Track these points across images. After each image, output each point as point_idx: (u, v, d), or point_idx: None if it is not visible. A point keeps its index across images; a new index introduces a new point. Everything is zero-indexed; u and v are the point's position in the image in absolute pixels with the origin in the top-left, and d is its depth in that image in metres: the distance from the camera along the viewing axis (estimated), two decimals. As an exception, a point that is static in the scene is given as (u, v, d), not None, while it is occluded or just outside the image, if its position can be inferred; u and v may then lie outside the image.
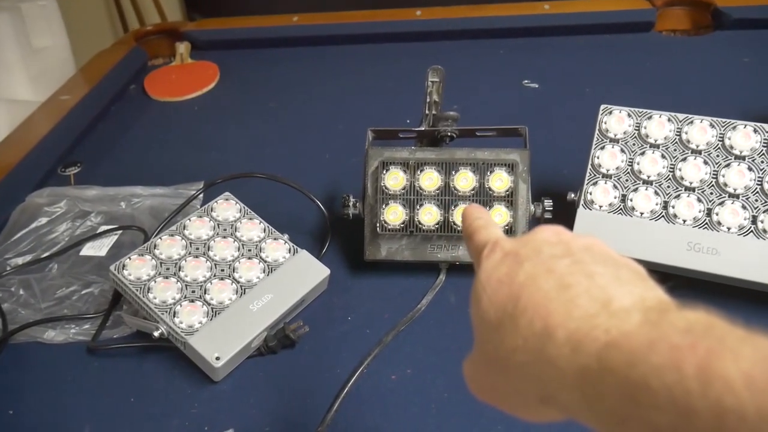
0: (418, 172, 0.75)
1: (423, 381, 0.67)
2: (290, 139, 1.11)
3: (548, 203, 0.77)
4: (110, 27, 2.52)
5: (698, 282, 0.71)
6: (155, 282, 0.71)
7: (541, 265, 0.34)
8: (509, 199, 0.75)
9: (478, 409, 0.64)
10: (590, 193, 0.75)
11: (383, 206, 0.75)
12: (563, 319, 0.30)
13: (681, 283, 0.71)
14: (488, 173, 0.75)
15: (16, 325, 0.76)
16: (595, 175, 0.76)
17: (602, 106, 0.77)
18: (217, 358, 0.66)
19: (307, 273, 0.75)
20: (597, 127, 0.77)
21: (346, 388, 0.66)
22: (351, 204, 0.78)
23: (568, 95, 1.15)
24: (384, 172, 0.75)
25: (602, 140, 0.76)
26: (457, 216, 0.74)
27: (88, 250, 0.87)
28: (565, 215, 0.77)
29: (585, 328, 0.29)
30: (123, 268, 0.72)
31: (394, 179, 0.75)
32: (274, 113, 1.19)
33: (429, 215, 0.75)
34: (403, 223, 0.75)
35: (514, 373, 0.32)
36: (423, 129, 0.83)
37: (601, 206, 0.75)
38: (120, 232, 0.89)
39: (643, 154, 0.74)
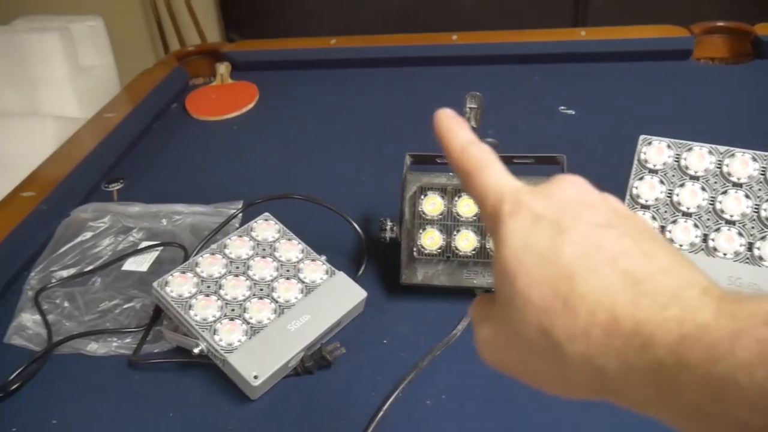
0: (456, 198, 0.76)
1: (458, 407, 0.67)
2: (327, 161, 1.12)
3: (585, 232, 0.77)
4: (151, 47, 2.58)
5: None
6: (196, 299, 0.73)
7: (587, 238, 0.30)
8: (546, 227, 0.75)
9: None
10: (628, 223, 0.75)
11: (420, 231, 0.76)
12: (631, 310, 0.27)
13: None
14: (526, 201, 0.75)
15: (60, 336, 0.79)
16: (633, 206, 0.76)
17: (641, 137, 0.78)
18: (255, 377, 0.67)
19: (344, 295, 0.76)
20: (636, 158, 0.77)
21: (381, 412, 0.66)
22: (388, 228, 0.79)
23: (604, 122, 1.15)
24: (422, 197, 0.76)
25: (641, 171, 0.76)
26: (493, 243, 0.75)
27: (130, 265, 0.89)
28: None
29: (656, 320, 0.27)
30: (166, 285, 0.74)
31: (432, 204, 0.76)
32: (311, 134, 1.21)
33: (466, 241, 0.75)
34: (440, 248, 0.76)
35: (569, 362, 0.29)
36: (461, 155, 0.84)
37: (639, 237, 0.74)
38: (161, 248, 0.91)
39: (682, 185, 0.74)
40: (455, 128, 0.37)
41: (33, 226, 0.95)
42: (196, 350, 0.70)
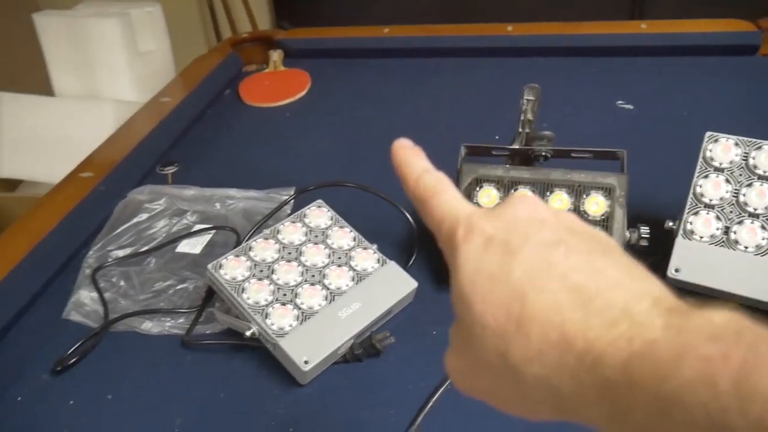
0: (512, 191, 0.75)
1: (507, 402, 0.66)
2: (378, 150, 1.10)
3: (644, 230, 0.75)
4: (203, 33, 2.62)
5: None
6: (249, 283, 0.73)
7: (537, 257, 0.30)
8: (604, 223, 0.73)
9: (565, 429, 0.63)
10: (690, 223, 0.73)
11: (474, 223, 0.75)
12: (581, 328, 0.27)
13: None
14: (584, 196, 0.74)
15: (116, 314, 0.80)
16: (696, 205, 0.73)
17: (708, 134, 0.75)
18: (306, 362, 0.67)
19: (395, 284, 0.76)
20: (701, 155, 0.75)
21: (430, 403, 0.66)
22: (441, 218, 0.79)
23: (664, 118, 1.12)
24: (477, 189, 0.76)
25: (706, 169, 0.74)
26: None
27: (184, 247, 0.91)
28: (661, 244, 0.75)
29: (606, 338, 0.26)
30: (220, 268, 0.75)
31: (487, 197, 0.75)
32: (362, 122, 1.21)
33: (520, 235, 0.74)
34: (493, 240, 0.75)
35: (527, 384, 0.29)
36: (517, 147, 0.83)
37: (701, 237, 0.72)
38: (214, 231, 0.93)
39: (750, 185, 0.71)
40: (411, 158, 0.38)
41: (91, 207, 0.97)
42: (247, 333, 0.71)
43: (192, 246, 0.91)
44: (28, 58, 1.51)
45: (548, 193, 0.74)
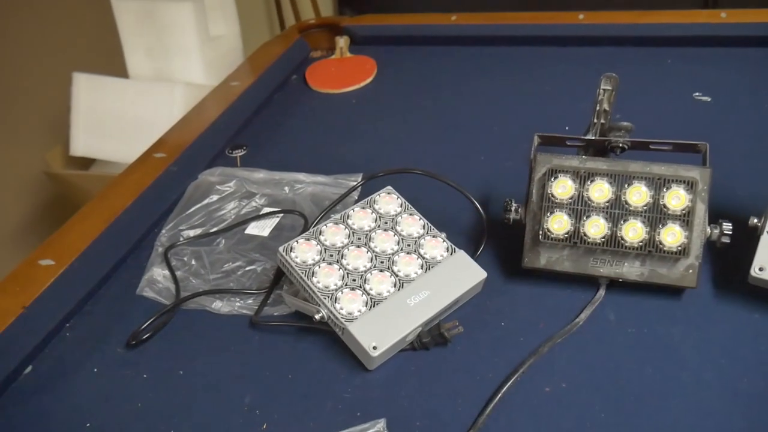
0: (588, 183, 0.73)
1: (578, 398, 0.65)
2: (444, 138, 1.11)
3: (727, 226, 0.72)
4: (267, 19, 2.64)
5: None
6: (319, 267, 0.74)
7: None
8: (685, 218, 0.71)
9: (638, 434, 0.62)
10: (777, 221, 0.70)
11: (548, 214, 0.74)
12: None
13: None
14: (664, 189, 0.71)
15: (187, 292, 0.82)
16: (785, 202, 0.70)
17: (800, 128, 0.71)
18: (374, 348, 0.67)
19: (464, 274, 0.75)
20: (791, 150, 0.71)
21: (499, 395, 0.65)
22: (513, 209, 0.77)
23: (744, 111, 1.07)
24: (552, 179, 0.74)
25: (797, 164, 0.70)
26: (626, 231, 0.72)
27: (252, 229, 0.92)
28: (744, 241, 0.72)
29: None
30: (291, 251, 0.75)
31: (563, 188, 0.73)
32: (428, 110, 1.20)
33: (596, 228, 0.72)
34: (567, 233, 0.73)
35: None
36: (593, 138, 0.81)
37: (789, 235, 0.69)
38: (282, 215, 0.93)
39: None
40: None
41: (164, 186, 1.00)
42: (317, 316, 0.71)
43: (260, 228, 0.92)
44: (104, 41, 1.56)
45: (626, 186, 0.72)
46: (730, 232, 0.72)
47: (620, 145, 0.79)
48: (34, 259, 0.86)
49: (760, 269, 0.69)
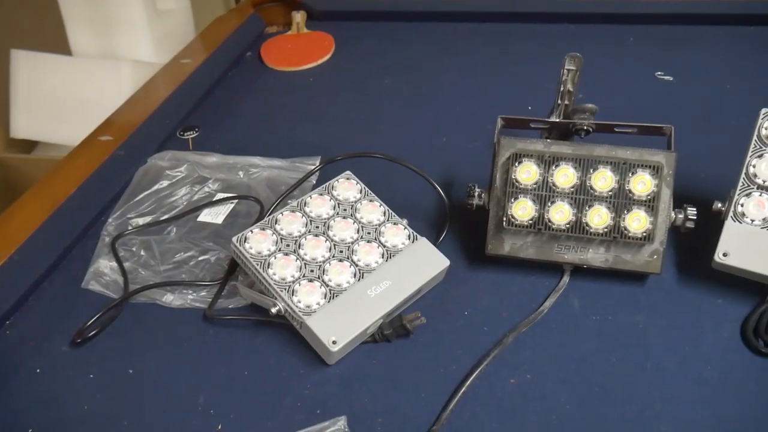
0: (553, 168, 0.71)
1: (544, 389, 0.64)
2: (406, 118, 1.08)
3: (692, 211, 0.71)
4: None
5: None
6: (275, 258, 0.71)
7: None
8: (650, 204, 0.69)
9: (603, 426, 0.60)
10: (741, 205, 0.69)
11: (512, 200, 0.72)
12: None
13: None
14: (630, 174, 0.70)
15: (136, 285, 0.78)
16: (748, 186, 0.69)
17: (764, 110, 0.70)
18: (334, 342, 0.65)
19: (427, 262, 0.73)
20: (755, 133, 0.70)
21: (463, 388, 0.63)
22: (476, 194, 0.75)
23: (705, 91, 1.06)
24: (516, 164, 0.72)
25: (761, 148, 0.69)
26: (590, 217, 0.70)
27: (205, 216, 0.88)
28: (708, 226, 0.72)
29: None
30: (245, 241, 0.72)
31: (527, 173, 0.71)
32: (389, 89, 1.16)
33: (560, 213, 0.70)
34: (531, 219, 0.71)
35: None
36: (557, 120, 0.79)
37: (753, 220, 0.68)
38: (236, 201, 0.89)
39: (809, 166, 0.67)
40: None
41: (111, 171, 0.94)
42: (273, 310, 0.68)
43: (214, 215, 0.88)
44: (44, 16, 1.46)
45: (591, 170, 0.70)
46: (695, 217, 0.71)
47: (585, 127, 0.77)
48: (-30, 252, 0.80)
49: (724, 255, 0.69)
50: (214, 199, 0.90)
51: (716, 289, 0.72)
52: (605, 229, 0.70)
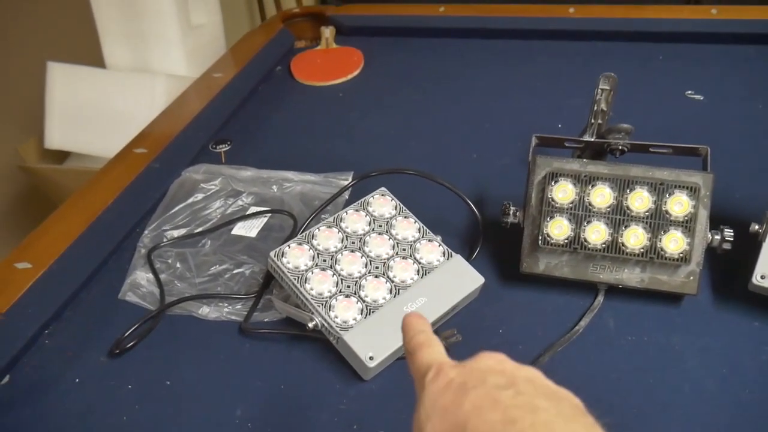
0: (590, 187, 0.71)
1: (580, 409, 0.64)
2: (435, 134, 1.09)
3: (729, 233, 0.71)
4: (247, 8, 2.57)
5: None
6: (312, 273, 0.71)
7: (485, 394, 0.35)
8: (687, 225, 0.69)
9: (642, 448, 0.60)
10: (780, 227, 0.69)
11: (548, 219, 0.72)
12: None
13: None
14: (666, 195, 0.70)
15: (173, 297, 0.79)
16: (789, 208, 0.69)
17: (802, 133, 0.70)
18: (371, 358, 0.65)
19: (462, 279, 0.73)
20: (794, 155, 0.70)
21: (500, 406, 0.63)
22: (511, 212, 0.75)
23: (736, 111, 1.06)
24: (552, 183, 0.72)
25: (800, 170, 0.69)
26: (627, 238, 0.70)
27: (239, 229, 0.89)
28: (743, 247, 0.71)
29: None
30: (282, 256, 0.73)
31: (563, 192, 0.72)
32: (418, 105, 1.17)
33: (597, 233, 0.71)
34: (567, 238, 0.71)
35: None
36: (593, 140, 0.79)
37: (792, 243, 0.68)
38: (270, 215, 0.90)
39: None
40: (414, 320, 0.45)
41: (146, 184, 0.96)
42: (310, 325, 0.69)
43: (248, 229, 0.89)
44: (80, 29, 1.49)
45: (628, 191, 0.70)
46: (732, 239, 0.71)
47: (620, 147, 0.78)
48: (10, 261, 0.82)
49: (762, 277, 0.68)
50: (248, 213, 0.91)
51: (753, 312, 0.71)
52: (641, 250, 0.70)
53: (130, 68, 1.43)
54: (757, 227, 0.71)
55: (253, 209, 0.91)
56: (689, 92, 1.12)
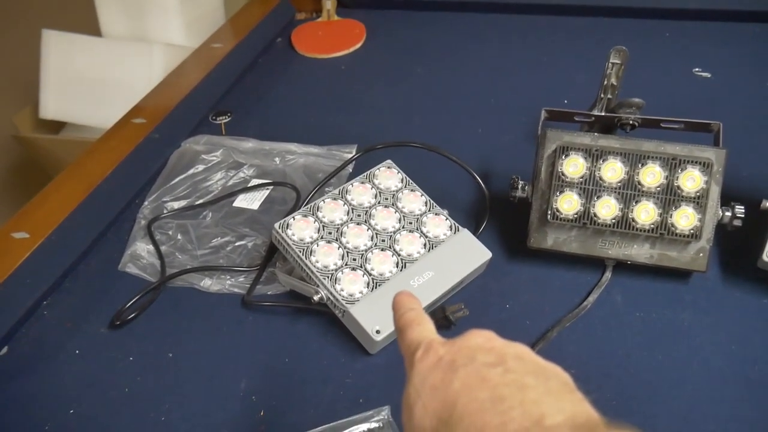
0: (601, 161, 0.70)
1: (588, 384, 0.62)
2: (439, 108, 1.07)
3: (740, 209, 0.70)
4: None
5: None
6: (318, 245, 0.70)
7: (475, 372, 0.35)
8: (699, 201, 0.68)
9: (650, 424, 0.60)
10: (792, 204, 0.68)
11: (557, 193, 0.71)
12: (498, 431, 0.31)
13: None
14: (679, 170, 0.69)
15: (173, 269, 0.78)
16: (800, 185, 0.68)
17: (817, 109, 0.69)
18: (378, 332, 0.64)
19: (469, 253, 0.72)
20: (808, 132, 0.69)
21: (508, 381, 0.63)
22: (520, 187, 0.74)
23: (744, 88, 1.05)
24: (563, 157, 0.71)
25: (814, 147, 0.68)
26: (637, 213, 0.69)
27: (241, 202, 0.88)
28: (754, 225, 0.71)
29: None
30: (287, 228, 0.71)
31: (574, 166, 0.70)
32: (421, 79, 1.15)
33: (607, 208, 0.70)
34: (576, 213, 0.70)
35: None
36: (603, 114, 0.78)
37: (804, 220, 0.67)
38: (272, 187, 0.89)
39: None
40: (404, 299, 0.45)
41: (145, 154, 0.94)
42: (315, 298, 0.68)
43: (249, 201, 0.87)
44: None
45: (640, 165, 0.69)
46: (743, 215, 0.70)
47: (631, 122, 0.76)
48: (7, 231, 0.80)
49: (773, 254, 0.68)
50: (250, 185, 0.89)
51: (762, 289, 0.71)
52: (652, 225, 0.69)
53: (127, 37, 1.40)
54: (768, 204, 0.70)
55: (255, 181, 0.90)
56: (697, 70, 1.11)
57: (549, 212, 0.71)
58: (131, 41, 1.38)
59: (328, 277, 0.68)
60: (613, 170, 0.70)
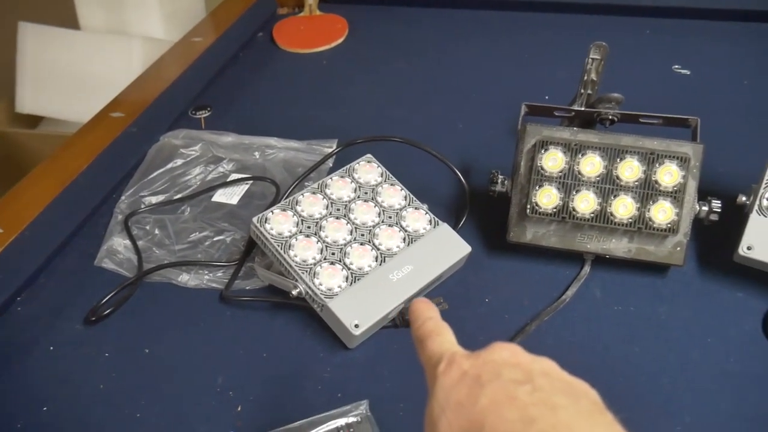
0: (579, 156, 0.70)
1: (566, 378, 0.63)
2: (420, 104, 1.07)
3: (716, 204, 0.71)
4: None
5: None
6: (297, 239, 0.70)
7: (502, 390, 0.34)
8: (676, 195, 0.69)
9: (628, 415, 0.60)
10: (767, 199, 0.69)
11: (536, 188, 0.71)
12: None
13: None
14: (656, 165, 0.69)
15: (151, 264, 0.77)
16: (777, 182, 0.69)
17: (792, 104, 0.70)
18: (356, 326, 0.64)
19: (448, 248, 0.72)
20: (784, 127, 0.70)
21: (486, 375, 0.63)
22: (499, 181, 0.74)
23: (723, 86, 1.06)
24: (542, 151, 0.71)
25: (789, 142, 0.69)
26: (615, 207, 0.69)
27: (220, 196, 0.87)
28: (729, 220, 0.71)
29: None
30: (265, 222, 0.71)
31: (553, 160, 0.70)
32: (403, 74, 1.15)
33: (585, 203, 0.70)
34: (555, 207, 0.71)
35: None
36: (583, 109, 0.78)
37: (780, 214, 0.68)
38: (251, 182, 0.88)
39: (838, 162, 0.66)
40: (422, 307, 0.45)
41: (123, 148, 0.93)
42: (294, 292, 0.67)
43: (228, 196, 0.87)
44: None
45: (618, 160, 0.70)
46: (719, 210, 0.70)
47: (610, 117, 0.77)
48: (-20, 226, 0.79)
49: (748, 248, 0.68)
50: (229, 180, 0.89)
51: (738, 282, 0.71)
52: (630, 220, 0.69)
53: (106, 30, 1.38)
54: (744, 198, 0.71)
55: (235, 176, 0.89)
56: (676, 67, 1.11)
57: (528, 206, 0.71)
58: (110, 35, 1.36)
59: (306, 271, 0.67)
60: (591, 165, 0.70)
